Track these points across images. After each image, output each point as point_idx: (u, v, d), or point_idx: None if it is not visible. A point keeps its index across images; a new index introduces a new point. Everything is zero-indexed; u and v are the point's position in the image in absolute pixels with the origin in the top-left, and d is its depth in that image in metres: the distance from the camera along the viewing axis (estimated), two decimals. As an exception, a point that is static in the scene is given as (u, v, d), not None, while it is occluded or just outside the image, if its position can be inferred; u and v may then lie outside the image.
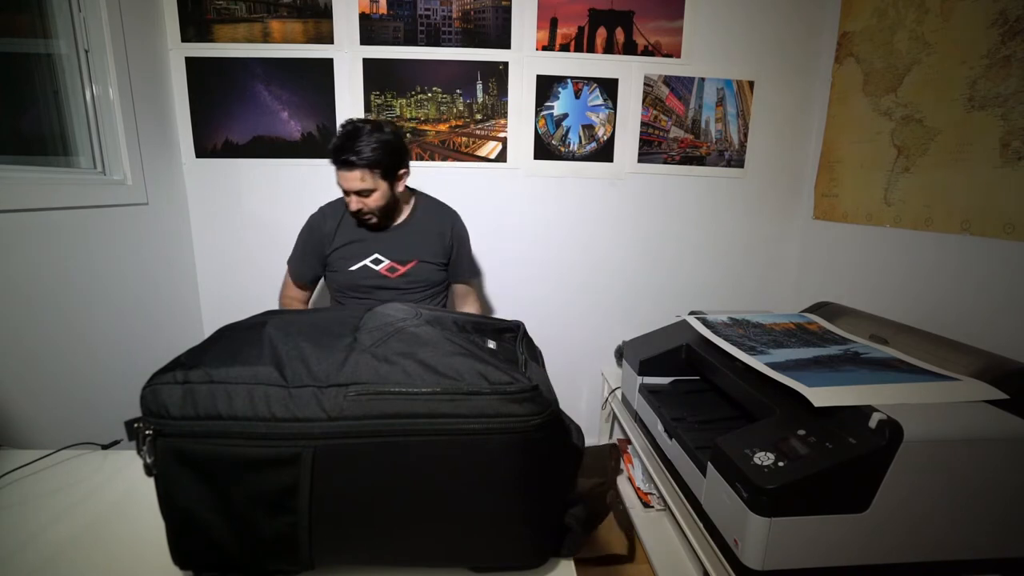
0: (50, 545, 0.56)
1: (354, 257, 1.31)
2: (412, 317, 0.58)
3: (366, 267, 1.30)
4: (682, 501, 1.00)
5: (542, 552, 0.53)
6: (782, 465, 0.74)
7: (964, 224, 1.16)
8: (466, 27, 1.59)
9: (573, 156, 1.69)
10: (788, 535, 0.73)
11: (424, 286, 1.35)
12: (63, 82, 1.27)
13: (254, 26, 1.56)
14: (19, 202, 1.02)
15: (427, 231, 1.34)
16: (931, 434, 0.73)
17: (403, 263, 1.31)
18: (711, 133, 1.69)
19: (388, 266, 1.30)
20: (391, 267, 1.30)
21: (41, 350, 1.07)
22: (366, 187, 1.19)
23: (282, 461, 0.45)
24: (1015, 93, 1.04)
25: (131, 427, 0.45)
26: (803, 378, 0.87)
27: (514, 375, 0.47)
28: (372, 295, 1.33)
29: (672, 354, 1.25)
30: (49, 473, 0.71)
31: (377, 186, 1.21)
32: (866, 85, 1.46)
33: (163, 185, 1.51)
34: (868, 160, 1.44)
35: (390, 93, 1.62)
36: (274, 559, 0.48)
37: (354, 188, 1.19)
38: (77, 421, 1.13)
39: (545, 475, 0.50)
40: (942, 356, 0.98)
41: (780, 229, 1.78)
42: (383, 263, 1.30)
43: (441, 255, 1.36)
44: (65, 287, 1.13)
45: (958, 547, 0.78)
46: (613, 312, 1.80)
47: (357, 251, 1.31)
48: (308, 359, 0.48)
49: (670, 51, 1.63)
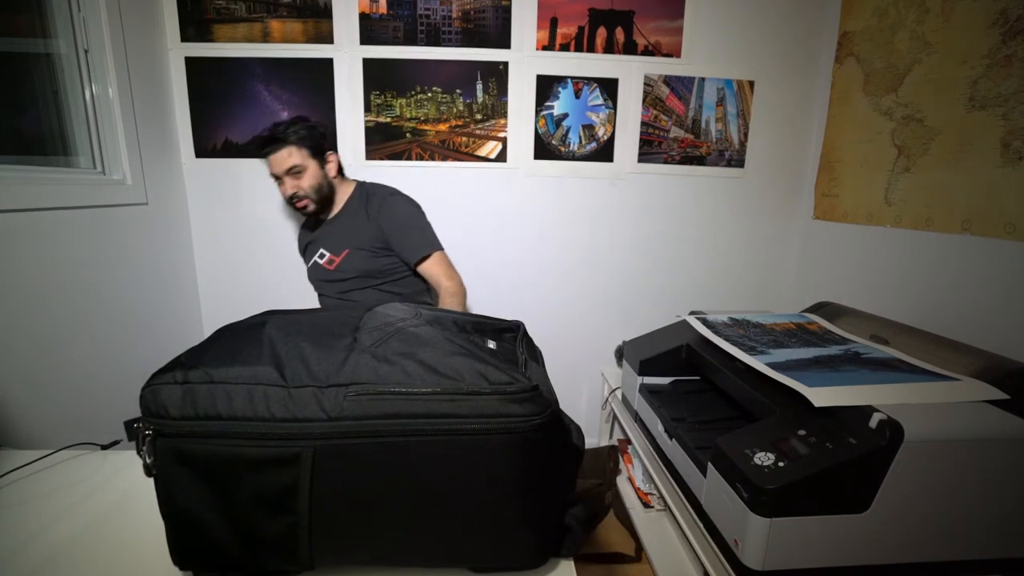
0: (50, 545, 0.56)
1: (308, 255, 1.39)
2: (412, 317, 0.58)
3: (315, 263, 1.36)
4: (682, 501, 1.00)
5: (542, 552, 0.53)
6: (782, 465, 0.74)
7: (965, 224, 1.16)
8: (466, 27, 1.59)
9: (573, 156, 1.69)
10: (788, 535, 0.73)
11: (359, 274, 1.31)
12: (63, 82, 1.27)
13: (254, 26, 1.55)
14: (19, 202, 1.02)
15: (357, 218, 1.33)
16: (931, 434, 0.73)
17: (337, 253, 1.32)
18: (711, 133, 1.69)
19: (328, 259, 1.34)
20: (329, 259, 1.34)
21: (41, 350, 1.07)
22: (295, 163, 1.24)
23: (282, 461, 0.45)
24: (1016, 93, 1.04)
25: (131, 427, 0.45)
26: (803, 378, 0.87)
27: (514, 375, 0.47)
28: (322, 289, 1.39)
29: (672, 354, 1.25)
30: (49, 473, 0.71)
31: (307, 164, 1.25)
32: (866, 85, 1.46)
33: (163, 185, 1.51)
34: (868, 160, 1.44)
35: (390, 93, 1.62)
36: (274, 559, 0.48)
37: (285, 166, 1.24)
38: (77, 421, 1.13)
39: (545, 475, 0.50)
40: (942, 356, 0.98)
41: (780, 229, 1.78)
42: (324, 256, 1.34)
43: (373, 240, 1.29)
44: (65, 287, 1.13)
45: (958, 547, 0.78)
46: (613, 312, 1.80)
47: (311, 249, 1.38)
48: (308, 359, 0.48)
49: (670, 51, 1.63)
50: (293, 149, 1.23)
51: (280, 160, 1.24)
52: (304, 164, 1.25)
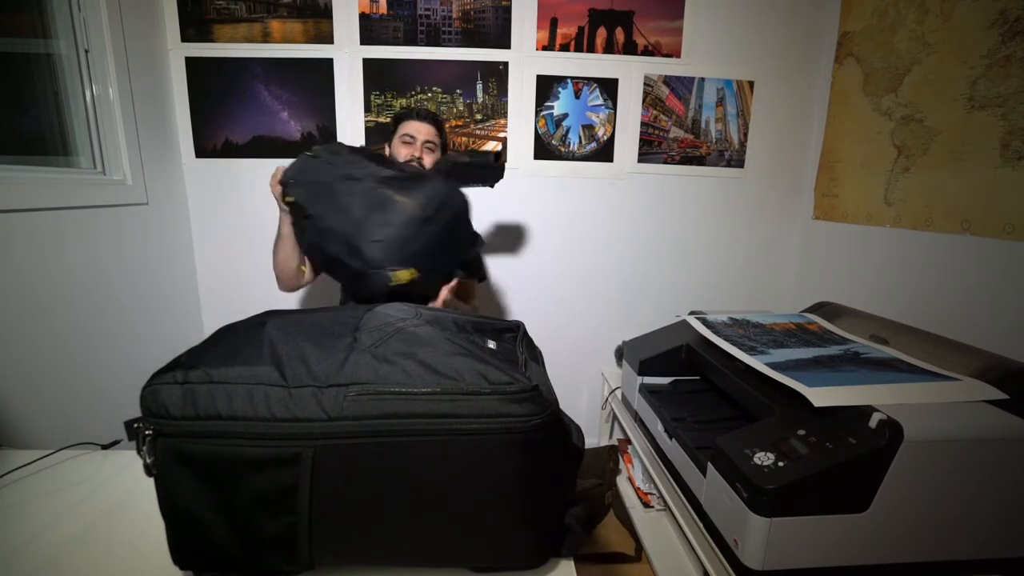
0: (50, 545, 0.56)
1: None
2: (412, 317, 0.58)
3: None
4: (682, 501, 1.00)
5: (542, 552, 0.53)
6: (782, 465, 0.74)
7: (964, 224, 1.16)
8: (466, 27, 1.59)
9: (573, 156, 1.69)
10: (788, 535, 0.73)
11: None
12: (63, 82, 1.27)
13: (254, 26, 1.56)
14: (19, 202, 1.03)
15: None
16: (931, 434, 0.73)
17: None
18: (711, 133, 1.69)
19: None
20: None
21: (41, 350, 1.07)
22: (435, 141, 1.28)
23: (282, 461, 0.45)
24: (1015, 93, 1.04)
25: (131, 427, 0.45)
26: (803, 378, 0.87)
27: (514, 375, 0.47)
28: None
29: (672, 354, 1.25)
30: (49, 473, 0.71)
31: (437, 149, 1.29)
32: (866, 85, 1.46)
33: (163, 185, 1.51)
34: (868, 160, 1.44)
35: (390, 93, 1.62)
36: (274, 559, 0.48)
37: (427, 137, 1.27)
38: (77, 421, 1.13)
39: (545, 475, 0.50)
40: (942, 356, 0.98)
41: (780, 229, 1.78)
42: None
43: None
44: (65, 287, 1.13)
45: (958, 547, 0.78)
46: (613, 312, 1.80)
47: None
48: (308, 359, 0.48)
49: (670, 51, 1.63)
50: (437, 132, 1.29)
51: (428, 131, 1.28)
52: (437, 146, 1.30)
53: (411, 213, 0.97)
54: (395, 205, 0.96)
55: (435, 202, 1.00)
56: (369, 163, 1.02)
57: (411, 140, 1.27)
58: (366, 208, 0.96)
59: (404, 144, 1.26)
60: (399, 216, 0.96)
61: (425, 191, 1.01)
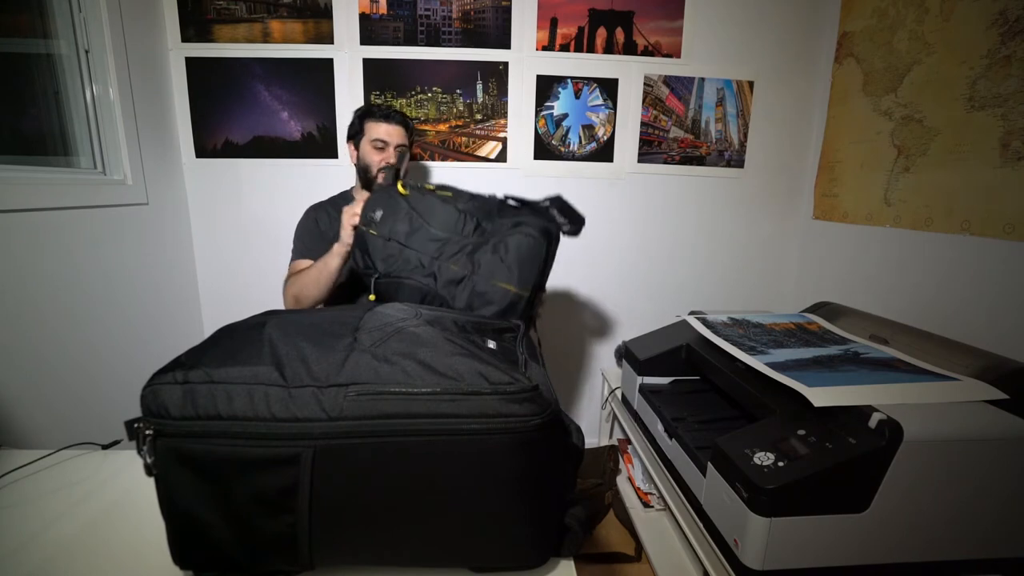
0: (50, 545, 0.56)
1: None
2: (412, 317, 0.58)
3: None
4: (682, 501, 1.00)
5: (542, 552, 0.53)
6: (782, 465, 0.74)
7: (964, 224, 1.16)
8: (466, 27, 1.59)
9: (573, 156, 1.69)
10: (788, 535, 0.73)
11: None
12: (63, 82, 1.27)
13: (254, 26, 1.56)
14: (19, 202, 1.03)
15: None
16: (931, 434, 0.73)
17: None
18: (711, 133, 1.69)
19: None
20: None
21: (41, 350, 1.07)
22: (405, 143, 1.29)
23: (282, 461, 0.45)
24: (1015, 93, 1.04)
25: (131, 427, 0.45)
26: (803, 378, 0.87)
27: (514, 375, 0.47)
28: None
29: (672, 354, 1.25)
30: (49, 473, 0.71)
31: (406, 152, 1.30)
32: (866, 85, 1.46)
33: (163, 185, 1.51)
34: (868, 160, 1.44)
35: (390, 93, 1.62)
36: (274, 559, 0.48)
37: (399, 140, 1.28)
38: (77, 421, 1.13)
39: (545, 475, 0.50)
40: (942, 356, 0.98)
41: (780, 229, 1.78)
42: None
43: None
44: (65, 287, 1.13)
45: (958, 547, 0.78)
46: (613, 312, 1.80)
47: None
48: (308, 359, 0.48)
49: (670, 51, 1.63)
50: (406, 133, 1.30)
51: (399, 134, 1.28)
52: (408, 147, 1.30)
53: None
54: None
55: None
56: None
57: (383, 146, 1.27)
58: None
59: (376, 150, 1.27)
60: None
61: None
